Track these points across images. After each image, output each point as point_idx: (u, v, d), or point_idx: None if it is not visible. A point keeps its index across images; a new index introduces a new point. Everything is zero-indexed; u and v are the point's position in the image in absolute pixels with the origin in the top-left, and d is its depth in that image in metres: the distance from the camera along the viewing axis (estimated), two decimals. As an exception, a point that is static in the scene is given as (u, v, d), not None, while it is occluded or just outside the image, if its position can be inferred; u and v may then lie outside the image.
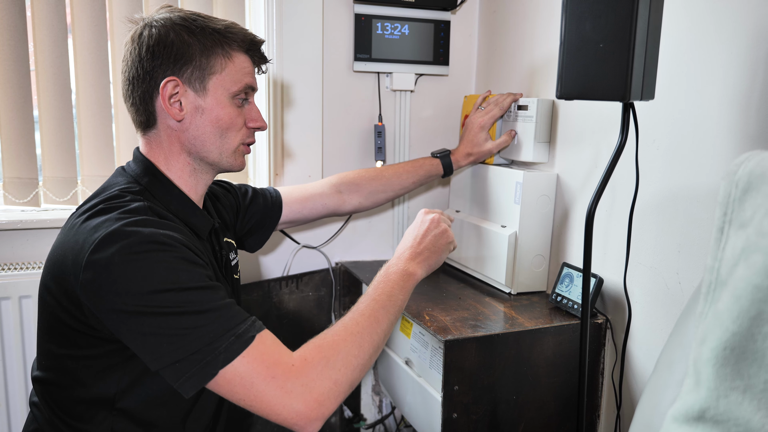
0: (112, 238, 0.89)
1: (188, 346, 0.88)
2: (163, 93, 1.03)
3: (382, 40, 1.79)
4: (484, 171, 1.66)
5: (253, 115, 1.12)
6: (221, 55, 1.05)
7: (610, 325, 1.39)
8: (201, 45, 1.03)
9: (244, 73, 1.08)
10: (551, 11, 1.57)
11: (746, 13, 1.04)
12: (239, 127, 1.09)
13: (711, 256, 0.68)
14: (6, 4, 1.51)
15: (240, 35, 1.07)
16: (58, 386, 1.01)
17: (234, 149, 1.10)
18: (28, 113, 1.58)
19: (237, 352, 0.89)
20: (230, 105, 1.07)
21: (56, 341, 1.00)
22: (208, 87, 1.04)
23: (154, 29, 1.03)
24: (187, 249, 0.94)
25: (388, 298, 1.07)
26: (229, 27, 1.07)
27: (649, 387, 0.94)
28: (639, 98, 1.00)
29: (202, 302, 0.90)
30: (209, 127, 1.06)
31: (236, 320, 0.92)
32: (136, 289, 0.88)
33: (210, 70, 1.04)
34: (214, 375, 0.88)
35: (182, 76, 1.03)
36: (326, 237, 1.88)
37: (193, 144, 1.07)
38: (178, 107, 1.04)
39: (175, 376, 0.89)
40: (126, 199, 0.99)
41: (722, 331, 0.64)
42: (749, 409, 0.61)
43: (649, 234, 1.27)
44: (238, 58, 1.07)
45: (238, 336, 0.90)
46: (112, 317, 0.90)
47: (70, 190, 1.64)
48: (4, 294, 1.52)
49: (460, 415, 1.27)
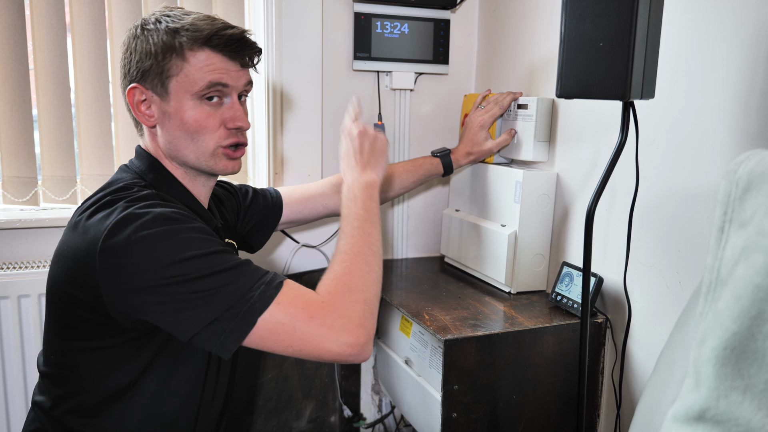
0: (125, 221, 0.91)
1: (222, 303, 0.89)
2: (130, 101, 1.04)
3: (382, 38, 1.78)
4: (483, 170, 1.65)
5: (230, 114, 1.05)
6: (175, 56, 1.00)
7: (610, 325, 1.39)
8: (157, 48, 1.00)
9: (206, 70, 1.00)
10: (551, 10, 1.57)
11: (746, 12, 1.04)
12: (213, 129, 1.03)
13: (711, 256, 0.68)
14: (5, 3, 1.50)
15: (196, 30, 0.99)
16: (68, 381, 1.01)
17: (211, 152, 1.05)
18: (27, 112, 1.57)
19: (271, 297, 0.91)
20: (197, 107, 1.02)
21: (68, 336, 1.00)
22: (169, 90, 1.01)
23: (127, 37, 1.05)
24: (198, 222, 0.97)
25: (365, 211, 1.10)
26: (192, 23, 1.00)
27: (649, 387, 0.94)
28: (639, 97, 1.00)
29: (224, 262, 0.92)
30: (177, 131, 1.03)
31: (260, 273, 0.94)
32: (159, 263, 0.89)
33: (167, 73, 1.00)
34: (253, 324, 0.90)
35: (145, 82, 1.02)
36: (326, 236, 1.88)
37: (169, 149, 1.06)
38: (148, 114, 1.04)
39: (215, 336, 0.90)
40: (133, 190, 1.00)
41: (723, 331, 0.63)
42: (750, 409, 0.61)
43: (649, 233, 1.26)
44: (197, 55, 1.00)
45: (267, 284, 0.92)
46: (138, 298, 0.90)
47: (69, 189, 1.64)
48: (3, 293, 1.52)
49: (460, 414, 1.27)
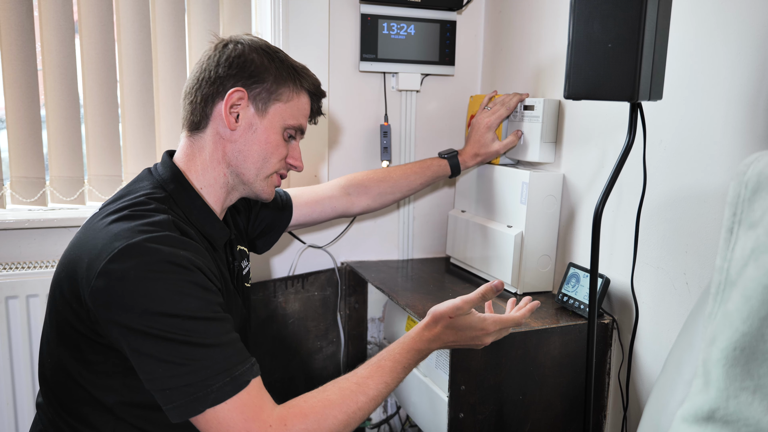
0: (132, 251, 0.89)
1: (183, 377, 0.88)
2: (228, 99, 1.05)
3: (388, 40, 1.79)
4: (490, 171, 1.66)
5: (295, 153, 1.16)
6: (291, 88, 1.10)
7: (616, 326, 1.39)
8: (277, 72, 1.08)
9: (303, 113, 1.13)
10: (557, 11, 1.57)
11: (753, 14, 1.04)
12: (280, 158, 1.12)
13: (720, 257, 0.68)
14: (13, 3, 1.51)
15: (312, 79, 1.14)
16: (61, 386, 1.01)
17: (269, 174, 1.13)
18: (36, 113, 1.58)
19: (228, 395, 0.89)
20: (279, 135, 1.11)
21: (61, 340, 1.00)
22: (268, 110, 1.08)
23: (240, 45, 1.08)
24: (202, 274, 0.95)
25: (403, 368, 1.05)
26: (304, 68, 1.14)
27: (657, 387, 0.94)
28: (647, 98, 1.00)
29: (207, 334, 0.90)
30: (256, 146, 1.09)
31: (233, 361, 0.91)
32: (145, 308, 0.88)
33: (276, 96, 1.08)
34: (200, 412, 0.88)
35: (250, 91, 1.07)
36: (332, 237, 1.88)
37: (236, 157, 1.09)
38: (234, 118, 1.07)
39: (164, 401, 0.89)
40: (151, 207, 0.99)
41: (732, 332, 0.64)
42: (759, 409, 0.61)
43: (656, 234, 1.26)
44: (303, 97, 1.12)
45: (233, 378, 0.90)
46: (116, 329, 0.90)
47: (76, 189, 1.65)
48: (12, 293, 1.53)
49: (467, 415, 1.27)
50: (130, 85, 1.65)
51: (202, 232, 1.08)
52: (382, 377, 1.01)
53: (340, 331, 1.89)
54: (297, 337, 1.82)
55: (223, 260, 1.14)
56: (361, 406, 0.97)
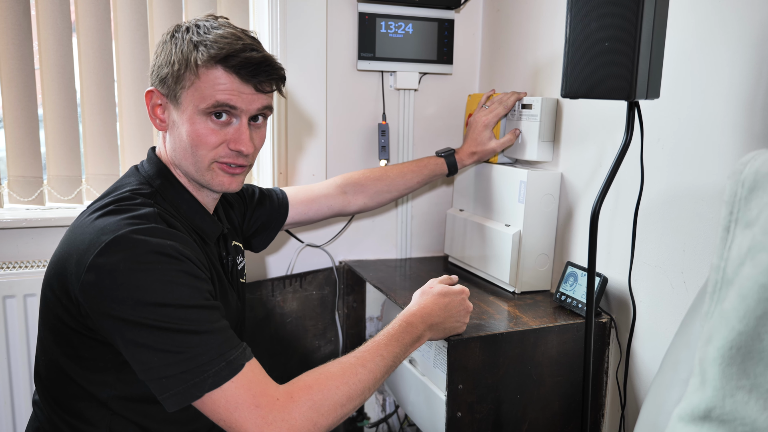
0: (119, 244, 0.90)
1: (179, 365, 0.88)
2: (147, 102, 1.05)
3: (386, 38, 1.79)
4: (487, 170, 1.65)
5: (234, 136, 1.03)
6: (189, 69, 0.99)
7: (614, 325, 1.39)
8: (176, 58, 1.00)
9: (216, 89, 0.99)
10: (555, 10, 1.57)
11: (751, 12, 1.04)
12: (212, 145, 1.02)
13: (717, 255, 0.68)
14: (10, 2, 1.51)
15: (217, 46, 0.97)
16: (56, 383, 1.02)
17: (206, 166, 1.04)
18: (33, 112, 1.58)
19: (225, 378, 0.90)
20: (202, 121, 1.01)
21: (54, 338, 1.00)
22: (180, 101, 1.01)
23: (160, 40, 1.06)
24: (191, 262, 0.95)
25: (400, 346, 1.09)
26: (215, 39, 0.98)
27: (654, 386, 0.94)
28: (644, 97, 1.00)
29: (199, 322, 0.91)
30: (179, 141, 1.04)
31: (228, 345, 0.92)
32: (137, 299, 0.88)
33: (181, 84, 1.00)
34: (199, 397, 0.89)
35: (163, 87, 1.03)
36: (330, 236, 1.88)
37: (174, 156, 1.07)
38: (161, 118, 1.05)
39: (160, 390, 0.89)
40: (136, 201, 0.99)
41: (728, 331, 0.63)
42: (755, 408, 0.61)
43: (654, 233, 1.26)
44: (210, 73, 0.99)
45: (228, 362, 0.91)
46: (108, 322, 0.90)
47: (74, 188, 1.65)
48: (9, 292, 1.53)
49: (464, 414, 1.27)
50: (128, 84, 1.65)
51: (193, 226, 1.07)
52: (378, 350, 1.05)
53: (338, 330, 1.88)
54: (295, 336, 1.82)
55: (215, 255, 1.14)
56: (361, 378, 1.00)
